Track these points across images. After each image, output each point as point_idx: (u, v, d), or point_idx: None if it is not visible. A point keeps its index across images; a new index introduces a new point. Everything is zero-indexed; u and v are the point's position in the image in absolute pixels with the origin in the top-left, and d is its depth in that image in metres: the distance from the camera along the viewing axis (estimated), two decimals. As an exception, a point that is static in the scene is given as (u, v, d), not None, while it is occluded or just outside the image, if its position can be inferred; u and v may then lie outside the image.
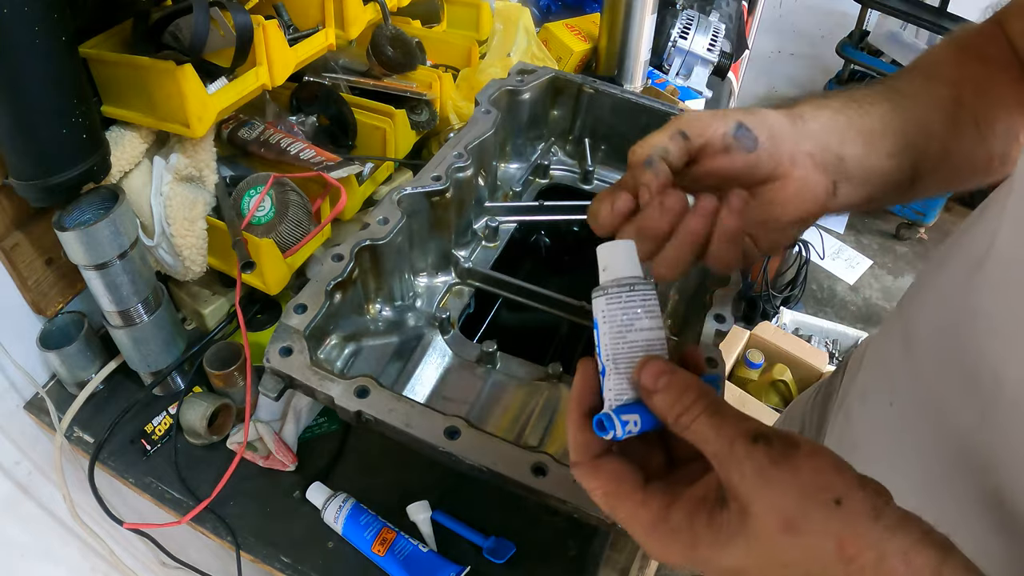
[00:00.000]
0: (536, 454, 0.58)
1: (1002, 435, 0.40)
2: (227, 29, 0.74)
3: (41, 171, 0.66)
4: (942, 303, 0.50)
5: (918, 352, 0.51)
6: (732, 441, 0.32)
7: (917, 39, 2.54)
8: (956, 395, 0.44)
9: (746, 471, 0.31)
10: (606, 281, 0.38)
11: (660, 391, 0.35)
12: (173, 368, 0.85)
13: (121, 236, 0.71)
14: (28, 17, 0.58)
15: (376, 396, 0.61)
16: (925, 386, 0.49)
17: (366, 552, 0.72)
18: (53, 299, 0.83)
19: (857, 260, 2.67)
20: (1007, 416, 0.40)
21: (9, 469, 0.89)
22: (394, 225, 0.77)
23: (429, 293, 0.89)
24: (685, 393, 0.34)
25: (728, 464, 0.32)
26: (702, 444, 0.33)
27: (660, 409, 0.35)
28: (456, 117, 1.10)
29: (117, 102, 0.77)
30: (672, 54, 1.48)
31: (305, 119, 0.97)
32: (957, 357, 0.45)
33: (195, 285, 0.92)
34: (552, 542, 0.75)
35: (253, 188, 0.83)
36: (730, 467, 0.32)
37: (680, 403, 0.34)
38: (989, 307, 0.43)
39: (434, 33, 1.20)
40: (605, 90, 1.03)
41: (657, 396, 0.35)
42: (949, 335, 0.47)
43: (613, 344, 0.37)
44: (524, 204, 1.02)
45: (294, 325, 0.66)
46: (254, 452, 0.81)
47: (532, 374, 0.81)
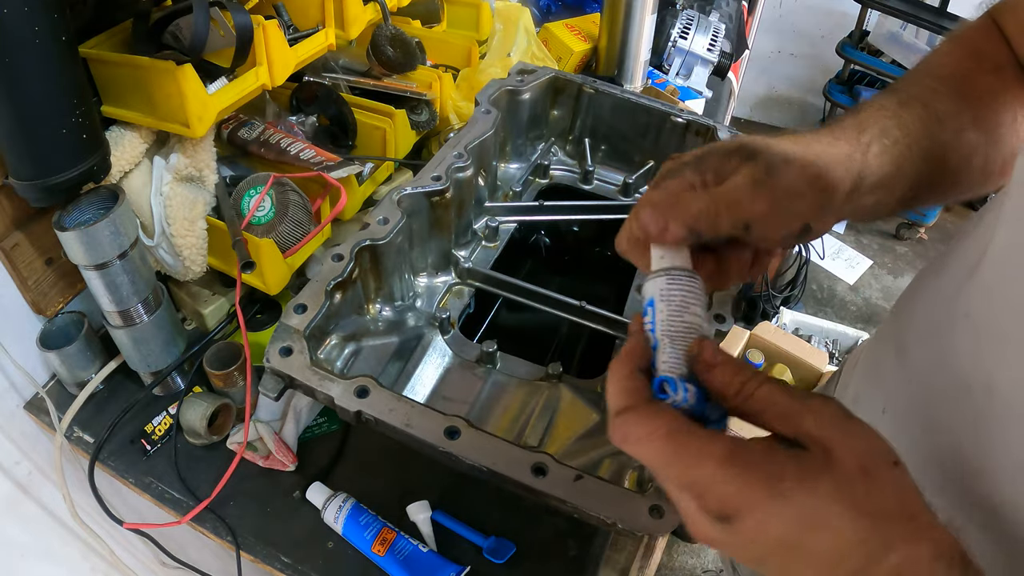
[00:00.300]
0: (536, 454, 0.58)
1: (994, 440, 0.40)
2: (227, 29, 0.74)
3: (41, 171, 0.66)
4: (935, 308, 0.49)
5: (910, 357, 0.51)
6: (802, 400, 0.34)
7: (917, 39, 2.54)
8: (948, 401, 0.44)
9: (824, 419, 0.33)
10: (666, 266, 0.40)
11: (719, 365, 0.36)
12: (173, 368, 0.85)
13: (121, 236, 0.71)
14: (28, 17, 0.58)
15: (376, 396, 0.61)
16: (917, 392, 0.49)
17: (366, 552, 0.72)
18: (53, 299, 0.83)
19: (857, 260, 2.67)
20: (999, 422, 0.39)
21: (9, 469, 0.89)
22: (394, 225, 0.77)
23: (429, 293, 0.89)
24: (743, 369, 0.36)
25: (803, 415, 0.34)
26: (769, 406, 0.35)
27: (719, 382, 0.36)
28: (456, 117, 1.10)
29: (117, 102, 0.77)
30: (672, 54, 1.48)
31: (305, 119, 0.97)
32: (949, 362, 0.45)
33: (195, 285, 0.92)
34: (552, 542, 0.75)
35: (253, 188, 0.83)
36: (805, 417, 0.34)
37: (740, 376, 0.36)
38: (982, 312, 0.42)
39: (434, 33, 1.20)
40: (605, 90, 1.03)
41: (717, 369, 0.36)
42: (941, 340, 0.47)
43: (670, 321, 0.39)
44: (524, 204, 1.02)
45: (294, 325, 0.66)
46: (254, 452, 0.81)
47: (532, 374, 0.81)
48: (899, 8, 2.40)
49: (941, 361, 0.46)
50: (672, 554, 1.78)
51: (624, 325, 0.85)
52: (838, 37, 2.72)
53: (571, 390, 0.78)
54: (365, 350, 0.78)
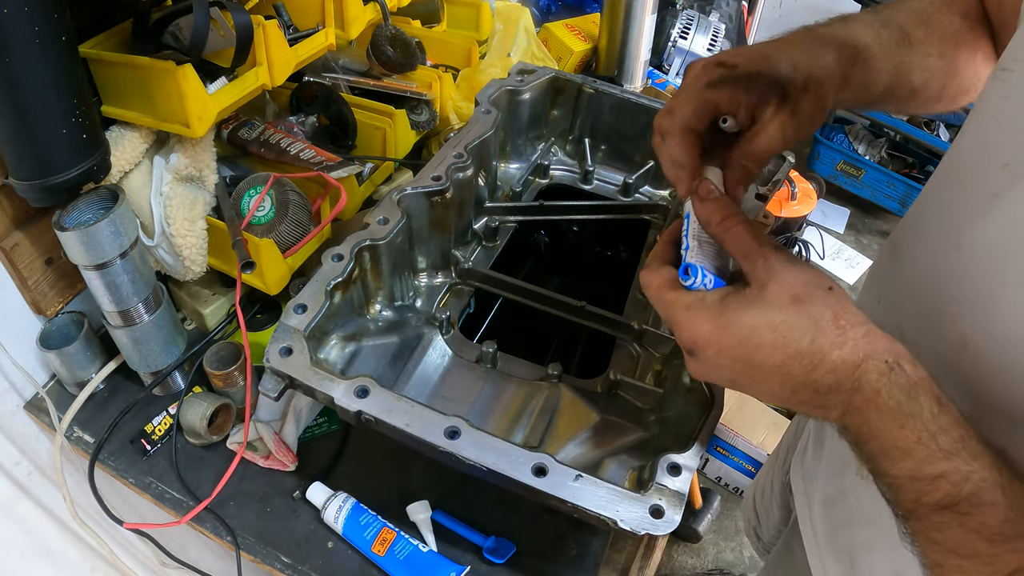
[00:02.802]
0: (536, 454, 0.58)
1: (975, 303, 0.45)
2: (227, 29, 0.74)
3: (41, 171, 0.66)
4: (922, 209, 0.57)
5: (901, 251, 0.58)
6: (761, 243, 0.44)
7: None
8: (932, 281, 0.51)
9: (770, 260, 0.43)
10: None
11: (710, 200, 0.46)
12: (173, 368, 0.85)
13: (121, 236, 0.71)
14: (28, 17, 0.58)
15: (376, 396, 0.61)
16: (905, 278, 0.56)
17: (366, 552, 0.72)
18: (53, 299, 0.83)
19: (857, 260, 2.67)
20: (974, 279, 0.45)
21: (9, 469, 0.89)
22: (394, 225, 0.77)
23: (429, 293, 0.89)
24: (729, 207, 0.46)
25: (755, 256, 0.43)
26: (737, 242, 0.45)
27: (706, 213, 0.46)
28: (456, 117, 1.10)
29: (117, 102, 0.77)
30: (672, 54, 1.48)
31: (305, 119, 0.97)
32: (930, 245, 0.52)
33: (195, 285, 0.92)
34: (552, 542, 0.75)
35: (253, 188, 0.83)
36: (756, 259, 0.43)
37: (724, 211, 0.46)
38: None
39: (434, 33, 1.20)
40: (605, 90, 1.03)
41: (708, 203, 0.46)
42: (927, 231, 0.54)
43: (699, 227, 0.48)
44: (524, 204, 1.02)
45: (294, 325, 0.66)
46: (254, 452, 0.81)
47: (532, 374, 0.81)
48: (899, 8, 2.39)
49: (918, 246, 0.54)
50: (672, 554, 1.78)
51: (624, 325, 0.85)
52: (838, 37, 2.71)
53: (571, 390, 0.78)
54: (365, 350, 0.78)
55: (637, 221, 1.03)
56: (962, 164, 0.51)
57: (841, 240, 2.76)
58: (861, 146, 2.77)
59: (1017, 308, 0.41)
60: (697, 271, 0.46)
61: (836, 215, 2.85)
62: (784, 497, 0.90)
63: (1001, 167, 0.44)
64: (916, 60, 0.55)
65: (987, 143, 0.47)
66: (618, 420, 0.75)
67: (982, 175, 0.46)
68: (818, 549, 0.67)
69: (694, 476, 0.59)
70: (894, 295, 0.57)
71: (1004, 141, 0.45)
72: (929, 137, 2.58)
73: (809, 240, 2.02)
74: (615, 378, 0.77)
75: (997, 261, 0.43)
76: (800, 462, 0.75)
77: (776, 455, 1.00)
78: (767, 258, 0.43)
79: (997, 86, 0.47)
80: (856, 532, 0.60)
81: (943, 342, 0.47)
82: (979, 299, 0.44)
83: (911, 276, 0.54)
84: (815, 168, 2.80)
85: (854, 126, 2.84)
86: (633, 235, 1.03)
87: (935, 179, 0.55)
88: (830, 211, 2.86)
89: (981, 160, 0.47)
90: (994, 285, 0.43)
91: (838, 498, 0.64)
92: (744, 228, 0.45)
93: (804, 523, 0.70)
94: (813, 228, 2.72)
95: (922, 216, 0.55)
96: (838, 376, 0.40)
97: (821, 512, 0.67)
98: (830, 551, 0.65)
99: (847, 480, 0.62)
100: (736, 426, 1.72)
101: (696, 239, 0.48)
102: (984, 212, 0.44)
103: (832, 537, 0.65)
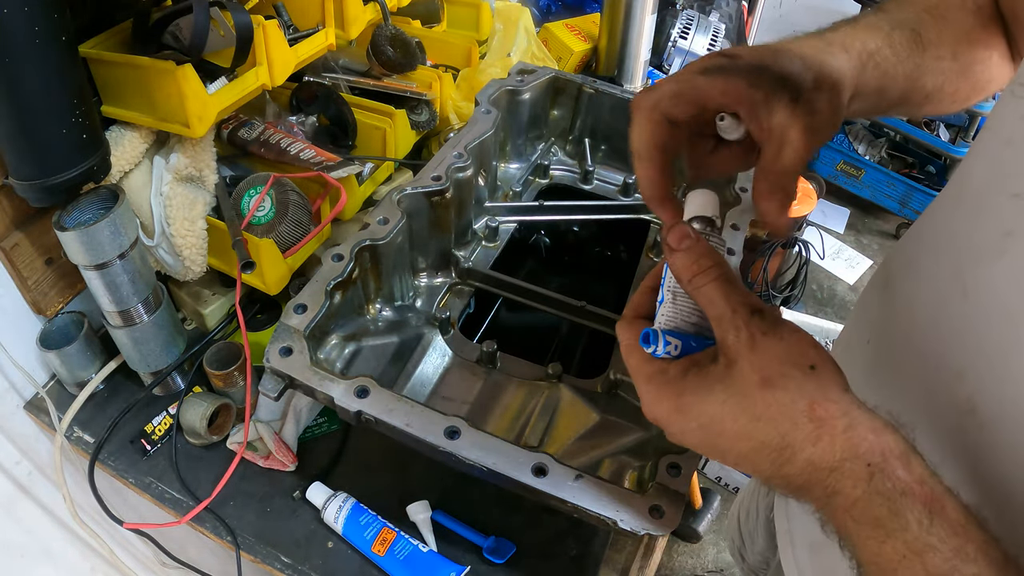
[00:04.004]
0: (536, 454, 0.58)
1: (969, 344, 0.41)
2: (227, 29, 0.74)
3: (41, 171, 0.66)
4: (914, 241, 0.52)
5: (893, 287, 0.53)
6: (734, 309, 0.37)
7: (917, 39, 2.53)
8: (926, 314, 0.46)
9: (741, 334, 0.36)
10: (685, 219, 0.42)
11: (681, 251, 0.39)
12: (173, 368, 0.85)
13: (121, 236, 0.71)
14: (28, 17, 0.58)
15: (376, 396, 0.61)
16: (898, 313, 0.51)
17: (366, 552, 0.72)
18: (53, 299, 0.83)
19: (857, 260, 2.67)
20: (975, 324, 0.40)
21: (9, 469, 0.89)
22: (394, 225, 0.77)
23: (429, 293, 0.89)
24: (703, 258, 0.38)
25: (726, 326, 0.37)
26: (708, 305, 0.38)
27: (678, 268, 0.39)
28: (456, 117, 1.10)
29: (117, 102, 0.77)
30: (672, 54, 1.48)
31: (305, 119, 0.97)
32: (925, 283, 0.47)
33: (195, 285, 0.92)
34: (552, 542, 0.75)
35: (253, 188, 0.83)
36: (727, 329, 0.37)
37: (697, 265, 0.38)
38: (967, 230, 0.44)
39: (434, 33, 1.20)
40: (605, 90, 1.03)
41: (678, 255, 0.39)
42: (920, 264, 0.49)
43: (672, 280, 0.41)
44: (524, 204, 1.02)
45: (294, 325, 0.66)
46: (254, 452, 0.81)
47: (532, 374, 0.81)
48: (899, 8, 2.39)
49: (917, 285, 0.48)
50: (672, 554, 1.78)
51: (624, 325, 0.85)
52: (838, 37, 2.71)
53: (571, 390, 0.78)
54: (365, 350, 0.78)
55: (637, 221, 1.03)
56: (971, 192, 0.45)
57: (841, 240, 2.76)
58: (861, 146, 2.77)
59: None
60: (658, 339, 0.40)
61: (836, 215, 2.85)
62: (769, 527, 0.84)
63: (1012, 197, 0.39)
64: (930, 63, 0.50)
65: (1001, 170, 0.41)
66: (618, 420, 0.75)
67: (994, 207, 0.41)
68: None
69: (694, 476, 0.59)
70: (886, 338, 0.52)
71: (1020, 168, 0.39)
72: (929, 137, 2.58)
73: (809, 240, 2.01)
74: (615, 378, 0.77)
75: (1012, 311, 0.37)
76: (784, 500, 0.69)
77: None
78: (738, 329, 0.36)
79: (1012, 104, 0.41)
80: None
81: (946, 405, 0.41)
82: (990, 355, 0.38)
83: (907, 319, 0.48)
84: (815, 168, 2.80)
85: (854, 126, 2.84)
86: (633, 235, 1.03)
87: (939, 205, 0.50)
88: (830, 211, 2.86)
89: (993, 189, 0.41)
90: (1008, 340, 0.37)
91: (824, 544, 0.58)
92: (715, 287, 0.37)
93: (788, 566, 0.64)
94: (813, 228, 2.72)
95: (921, 248, 0.50)
96: (811, 477, 0.34)
97: (808, 557, 0.60)
98: None
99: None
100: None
101: (671, 291, 0.42)
102: (996, 254, 0.38)
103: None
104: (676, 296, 0.41)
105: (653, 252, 0.97)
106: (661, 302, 0.42)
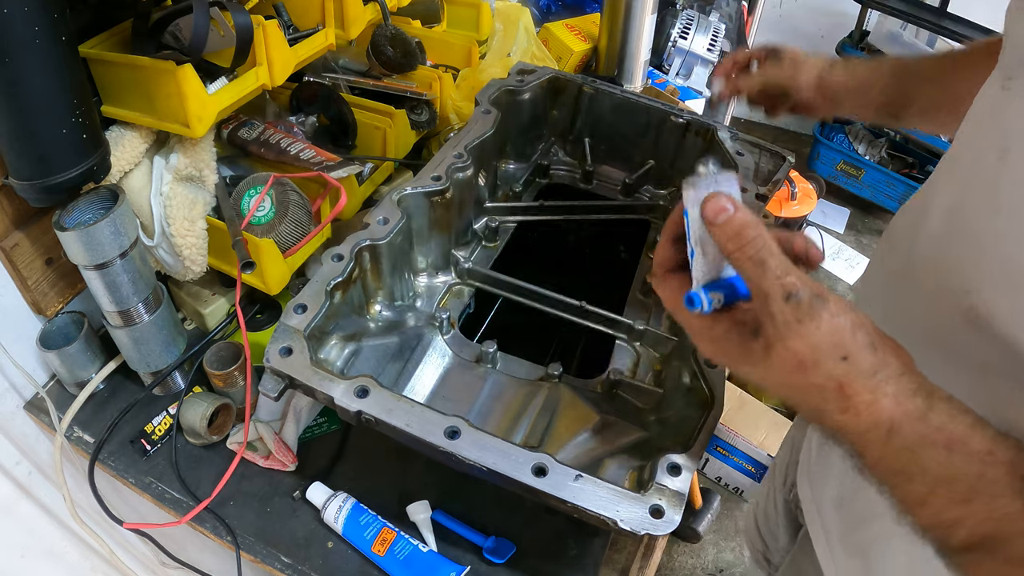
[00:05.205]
0: (536, 454, 0.58)
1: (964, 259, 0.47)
2: (227, 29, 0.74)
3: (41, 171, 0.66)
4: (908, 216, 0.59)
5: (892, 254, 0.60)
6: (768, 294, 0.39)
7: (917, 39, 2.53)
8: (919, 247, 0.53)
9: (776, 321, 0.39)
10: (695, 175, 0.43)
11: (719, 226, 0.40)
12: (173, 368, 0.85)
13: (121, 236, 0.71)
14: (28, 17, 0.58)
15: (376, 396, 0.61)
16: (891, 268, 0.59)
17: (366, 552, 0.72)
18: (53, 299, 0.83)
19: (857, 260, 2.67)
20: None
21: (9, 469, 0.89)
22: (394, 225, 0.77)
23: (429, 293, 0.89)
24: (742, 231, 0.39)
25: (763, 310, 0.40)
26: (747, 282, 0.41)
27: (718, 239, 0.41)
28: (456, 117, 1.10)
29: (117, 102, 0.77)
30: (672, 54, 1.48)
31: (305, 119, 0.97)
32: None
33: (195, 285, 0.92)
34: (552, 542, 0.75)
35: (253, 188, 0.83)
36: (763, 313, 0.40)
37: (736, 240, 0.40)
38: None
39: (434, 33, 1.20)
40: (605, 90, 1.03)
41: (717, 229, 0.40)
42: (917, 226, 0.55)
43: (701, 228, 0.42)
44: (524, 204, 1.02)
45: (294, 325, 0.66)
46: (254, 452, 0.81)
47: (532, 374, 0.81)
48: (899, 8, 2.39)
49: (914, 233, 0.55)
50: (672, 554, 1.78)
51: (624, 325, 0.85)
52: (838, 37, 2.71)
53: (571, 390, 0.78)
54: (365, 350, 0.78)
55: (637, 221, 1.03)
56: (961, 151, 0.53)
57: (841, 240, 2.76)
58: (861, 146, 2.77)
59: None
60: (700, 300, 0.43)
61: (836, 215, 2.85)
62: (790, 515, 0.89)
63: (1001, 155, 0.44)
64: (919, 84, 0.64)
65: (983, 131, 0.48)
66: (618, 420, 0.75)
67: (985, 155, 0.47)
68: (831, 552, 0.67)
69: (694, 476, 0.59)
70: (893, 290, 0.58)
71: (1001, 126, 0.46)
72: (929, 137, 2.58)
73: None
74: (615, 378, 0.77)
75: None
76: (806, 469, 0.75)
77: (772, 476, 0.99)
78: (773, 317, 0.39)
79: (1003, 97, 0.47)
80: (872, 526, 0.60)
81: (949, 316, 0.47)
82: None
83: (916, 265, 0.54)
84: (815, 168, 2.80)
85: (854, 126, 2.84)
86: (633, 235, 1.03)
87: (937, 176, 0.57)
88: (830, 211, 2.86)
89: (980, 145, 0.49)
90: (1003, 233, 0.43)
91: (851, 497, 0.63)
92: (752, 266, 0.39)
93: (814, 528, 0.70)
94: (813, 228, 2.72)
95: (924, 207, 0.55)
96: (842, 437, 0.40)
97: (834, 514, 0.66)
98: (844, 552, 0.64)
99: (858, 476, 0.61)
100: (736, 426, 1.72)
101: (699, 244, 0.43)
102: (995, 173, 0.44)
103: (846, 537, 0.64)
104: (705, 248, 0.43)
105: (653, 252, 0.97)
106: (692, 255, 0.44)
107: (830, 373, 0.38)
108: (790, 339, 0.38)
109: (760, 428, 1.72)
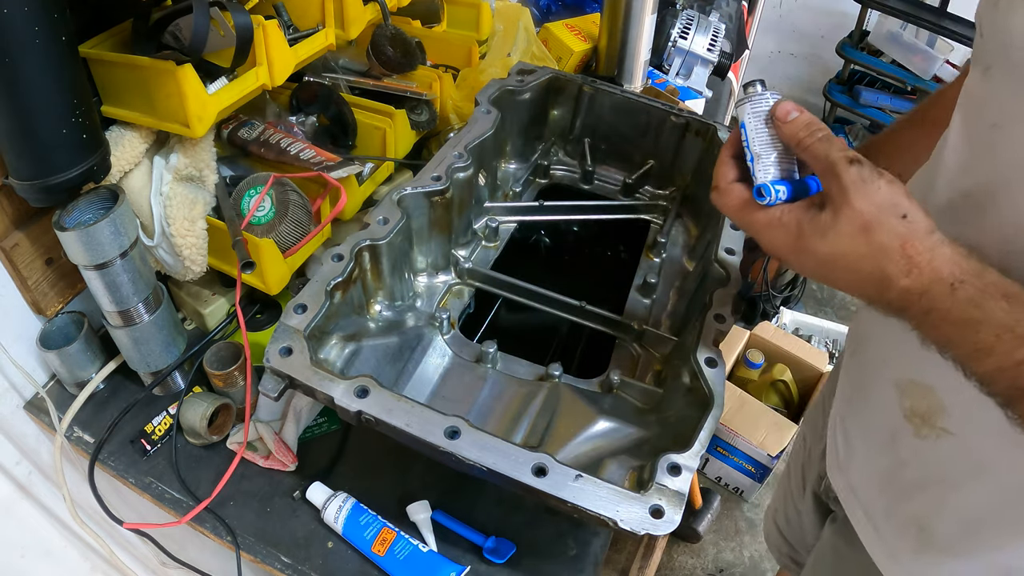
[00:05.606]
0: (536, 454, 0.58)
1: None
2: (227, 29, 0.74)
3: (41, 171, 0.66)
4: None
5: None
6: (836, 161, 0.45)
7: (917, 39, 2.53)
8: None
9: (843, 182, 0.45)
10: (748, 93, 0.52)
11: (789, 123, 0.49)
12: (173, 368, 0.85)
13: (121, 236, 0.71)
14: (28, 17, 0.58)
15: (376, 396, 0.61)
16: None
17: (366, 552, 0.72)
18: (53, 299, 0.83)
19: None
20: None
21: (9, 469, 0.89)
22: (394, 225, 0.77)
23: (429, 293, 0.89)
24: (809, 124, 0.48)
25: (830, 176, 0.46)
26: (814, 161, 0.47)
27: (788, 134, 0.49)
28: (456, 117, 1.10)
29: (117, 102, 0.77)
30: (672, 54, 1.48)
31: (305, 119, 0.97)
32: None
33: (195, 285, 0.92)
34: (552, 542, 0.75)
35: (253, 188, 0.83)
36: (831, 179, 0.45)
37: (804, 130, 0.48)
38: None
39: (434, 33, 1.20)
40: (605, 90, 1.03)
41: (787, 126, 0.49)
42: None
43: (759, 135, 0.51)
44: (524, 204, 1.02)
45: (294, 325, 0.66)
46: (254, 452, 0.81)
47: (532, 374, 0.81)
48: (899, 8, 2.39)
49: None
50: (672, 554, 1.78)
51: (624, 325, 0.85)
52: (838, 37, 2.72)
53: (571, 390, 0.78)
54: (365, 350, 0.78)
55: (637, 221, 1.03)
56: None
57: (841, 240, 2.76)
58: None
59: None
60: (770, 190, 0.49)
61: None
62: (820, 510, 0.88)
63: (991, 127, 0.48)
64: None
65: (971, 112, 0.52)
66: (618, 420, 0.75)
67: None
68: (877, 532, 0.66)
69: (694, 476, 0.59)
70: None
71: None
72: (929, 137, 2.58)
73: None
74: (615, 378, 0.78)
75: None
76: (835, 460, 0.74)
77: (788, 479, 1.00)
78: (840, 180, 0.44)
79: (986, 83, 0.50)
80: (927, 492, 0.59)
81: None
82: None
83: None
84: (815, 168, 2.79)
85: (854, 126, 2.84)
86: (633, 235, 1.03)
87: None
88: (830, 211, 2.86)
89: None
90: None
91: (896, 470, 0.63)
92: (819, 146, 0.47)
93: (856, 514, 0.69)
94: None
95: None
96: (907, 301, 0.44)
97: (876, 493, 0.66)
98: (894, 529, 0.64)
99: (903, 449, 0.61)
100: (736, 426, 1.72)
101: (758, 150, 0.51)
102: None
103: (894, 513, 0.64)
104: (763, 152, 0.51)
105: (653, 252, 0.97)
106: (752, 160, 0.51)
107: (893, 229, 0.43)
108: (856, 199, 0.44)
109: (760, 428, 1.72)
